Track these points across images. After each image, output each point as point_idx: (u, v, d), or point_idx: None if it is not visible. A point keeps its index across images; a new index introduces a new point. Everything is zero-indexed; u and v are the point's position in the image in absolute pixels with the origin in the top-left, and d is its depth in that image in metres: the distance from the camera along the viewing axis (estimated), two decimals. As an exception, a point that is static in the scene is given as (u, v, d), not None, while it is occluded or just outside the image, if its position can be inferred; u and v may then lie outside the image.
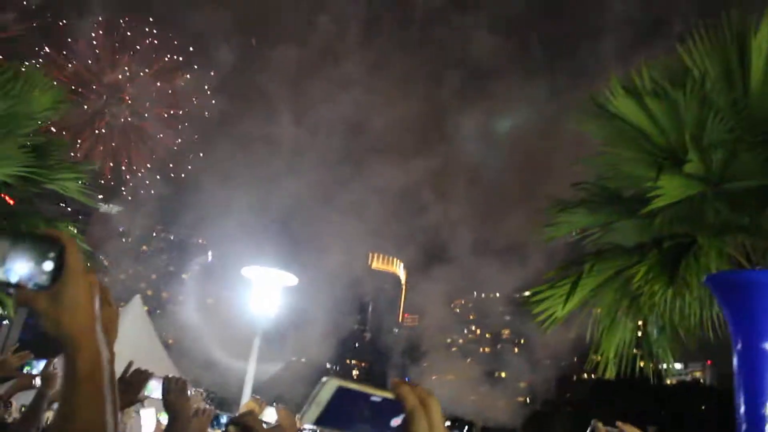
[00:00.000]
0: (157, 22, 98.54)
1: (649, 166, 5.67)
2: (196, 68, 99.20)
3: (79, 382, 1.04)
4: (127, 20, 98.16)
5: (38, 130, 8.12)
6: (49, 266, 1.04)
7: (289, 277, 16.24)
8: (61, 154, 8.20)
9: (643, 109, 5.67)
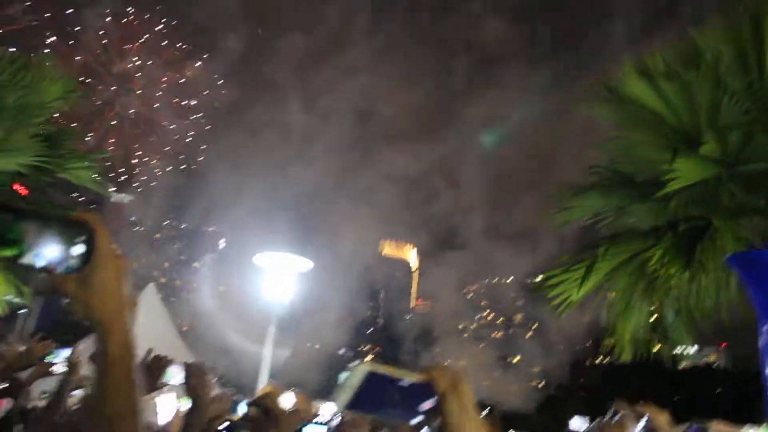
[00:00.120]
0: (164, 11, 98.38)
1: (663, 149, 5.63)
2: (205, 57, 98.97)
3: (110, 364, 1.05)
4: (134, 10, 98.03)
5: (49, 120, 8.15)
6: (79, 250, 1.02)
7: (304, 262, 16.21)
8: (72, 143, 8.23)
9: (656, 91, 5.63)
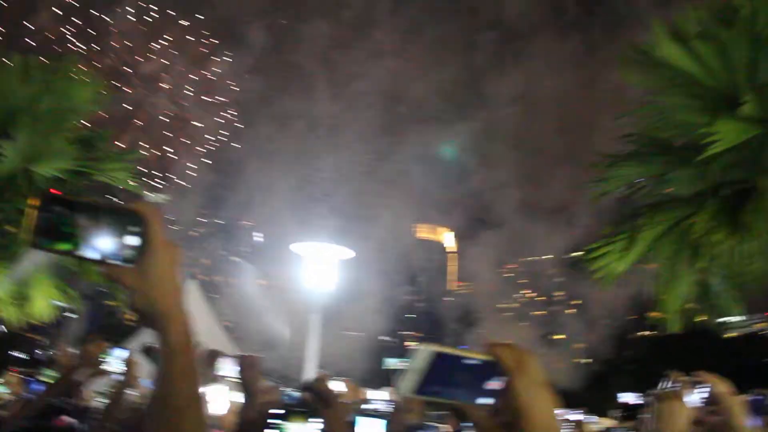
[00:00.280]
0: (185, 8, 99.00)
1: (700, 112, 5.49)
2: (231, 51, 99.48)
3: (174, 354, 1.04)
4: (157, 8, 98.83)
5: (82, 124, 8.31)
6: (135, 241, 1.00)
7: (345, 251, 16.11)
8: (106, 146, 8.38)
9: (690, 53, 5.47)
